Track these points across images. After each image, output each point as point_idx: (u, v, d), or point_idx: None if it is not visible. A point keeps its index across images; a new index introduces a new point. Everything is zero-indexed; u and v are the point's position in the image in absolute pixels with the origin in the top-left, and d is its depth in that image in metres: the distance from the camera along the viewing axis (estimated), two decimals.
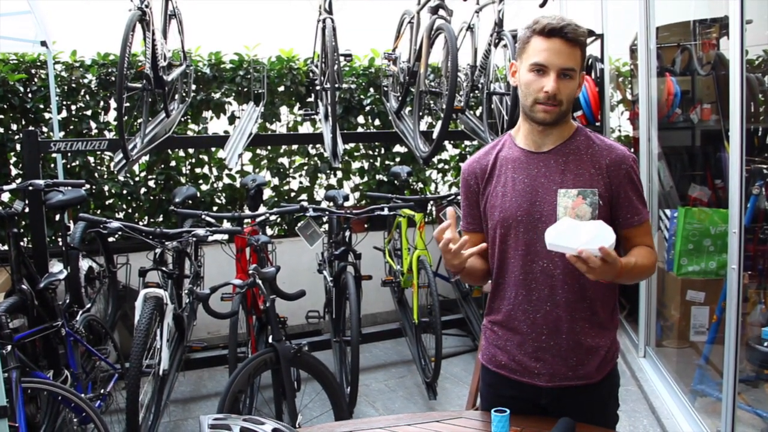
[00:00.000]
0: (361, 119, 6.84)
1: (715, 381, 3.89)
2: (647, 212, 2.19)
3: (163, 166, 6.23)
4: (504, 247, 2.20)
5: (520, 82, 2.14)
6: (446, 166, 7.24)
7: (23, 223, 5.24)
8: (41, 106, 5.78)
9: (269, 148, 6.57)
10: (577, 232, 1.95)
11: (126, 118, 4.51)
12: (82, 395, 3.47)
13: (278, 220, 6.56)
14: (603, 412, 2.26)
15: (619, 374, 2.30)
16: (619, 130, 6.46)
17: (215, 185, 6.48)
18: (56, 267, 4.13)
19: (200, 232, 3.96)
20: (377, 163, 6.98)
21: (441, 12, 4.76)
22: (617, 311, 2.27)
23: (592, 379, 2.18)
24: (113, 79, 5.85)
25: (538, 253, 2.13)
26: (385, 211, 4.94)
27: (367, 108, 6.74)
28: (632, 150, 5.45)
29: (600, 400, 2.24)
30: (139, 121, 4.84)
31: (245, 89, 6.27)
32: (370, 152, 6.97)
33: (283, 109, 6.59)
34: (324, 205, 5.84)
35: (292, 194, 6.71)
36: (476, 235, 2.34)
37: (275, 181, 6.63)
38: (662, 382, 4.48)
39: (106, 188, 6.02)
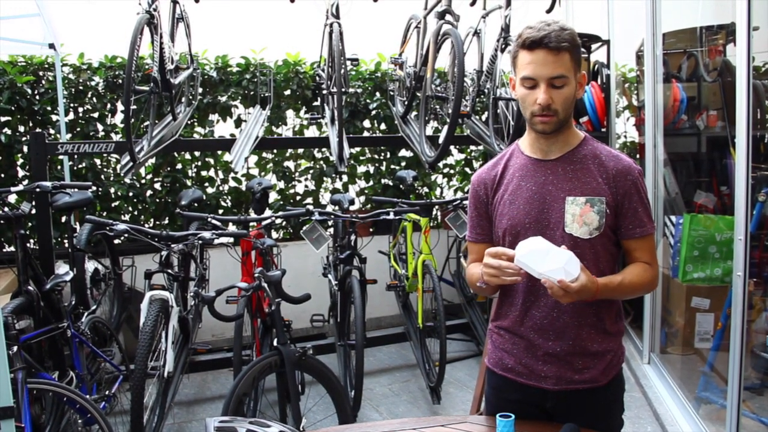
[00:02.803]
0: (367, 123, 6.86)
1: (719, 388, 3.88)
2: (652, 226, 2.18)
3: (169, 168, 6.24)
4: None
5: (518, 97, 2.16)
6: (452, 171, 7.25)
7: (30, 224, 5.25)
8: (48, 108, 5.80)
9: (275, 151, 6.58)
10: (546, 257, 1.98)
11: (133, 120, 4.52)
12: (87, 396, 3.49)
13: (284, 223, 6.57)
14: (608, 416, 2.25)
15: (624, 379, 2.31)
16: (625, 136, 6.47)
17: (221, 188, 6.50)
18: (62, 269, 4.15)
19: (206, 235, 3.97)
20: (383, 168, 6.99)
21: (448, 17, 4.77)
22: (622, 317, 2.28)
23: (597, 383, 2.18)
24: (120, 81, 5.87)
25: None
26: (391, 216, 4.93)
27: (373, 112, 6.76)
28: (638, 156, 5.51)
29: (605, 404, 2.24)
30: (145, 123, 4.85)
31: (252, 93, 6.29)
32: (376, 156, 6.98)
33: (290, 113, 6.62)
34: (329, 208, 5.84)
35: (298, 198, 6.73)
36: (482, 245, 2.35)
37: (281, 184, 6.64)
38: (666, 388, 4.47)
39: (112, 190, 6.04)
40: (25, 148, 5.74)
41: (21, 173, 5.90)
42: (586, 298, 2.02)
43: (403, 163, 6.93)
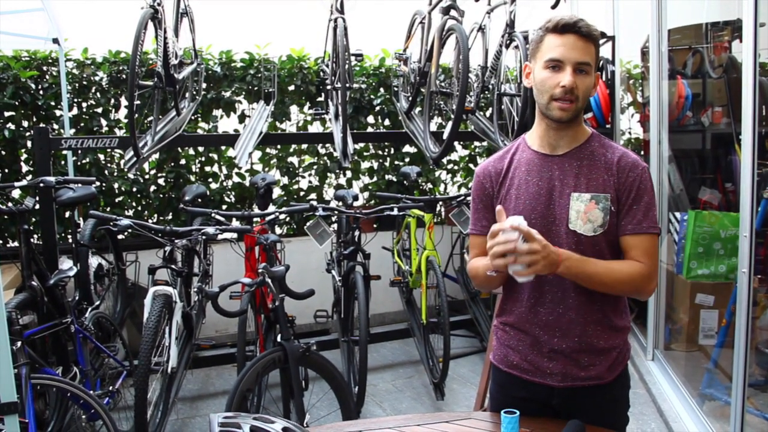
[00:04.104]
0: (371, 119, 6.85)
1: (723, 385, 3.88)
2: (652, 227, 2.12)
3: (173, 164, 6.24)
4: None
5: (535, 82, 2.13)
6: (456, 167, 7.24)
7: (34, 219, 5.26)
8: (52, 104, 5.80)
9: (279, 147, 6.58)
10: None
11: (137, 115, 4.52)
12: (91, 392, 3.49)
13: (287, 219, 6.57)
14: (613, 412, 2.25)
15: (629, 375, 2.30)
16: (630, 133, 6.45)
17: (225, 184, 6.50)
18: (66, 264, 4.16)
19: (210, 230, 3.97)
20: (387, 163, 6.98)
21: (452, 12, 4.76)
22: (628, 313, 2.27)
23: (603, 380, 2.18)
24: (124, 76, 5.88)
25: None
26: (395, 212, 4.93)
27: (378, 108, 6.74)
28: (642, 152, 5.49)
29: (611, 400, 2.23)
30: (149, 118, 4.85)
31: (256, 88, 6.28)
32: (380, 152, 6.97)
33: (294, 109, 6.61)
34: (333, 204, 5.84)
35: (302, 193, 6.72)
36: (485, 238, 2.34)
37: (285, 180, 6.64)
38: (670, 385, 4.47)
39: (115, 186, 6.04)
40: (29, 143, 5.74)
41: (25, 168, 5.91)
42: (548, 269, 1.96)
43: (407, 159, 6.93)
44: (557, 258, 1.98)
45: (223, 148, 6.39)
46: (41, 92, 5.79)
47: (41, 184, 4.00)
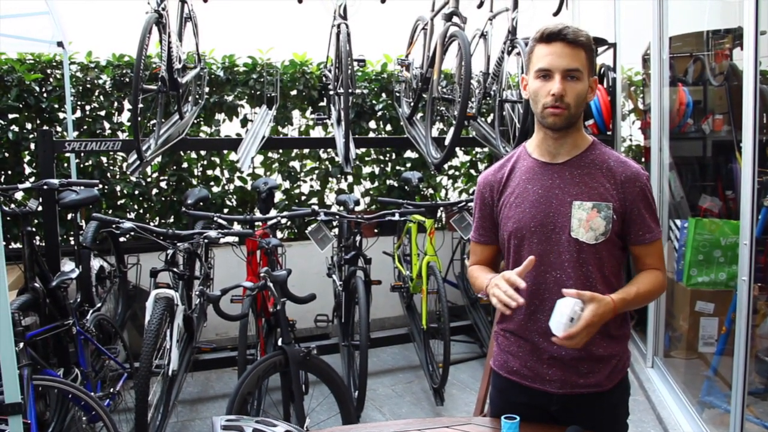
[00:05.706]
0: (372, 124, 6.87)
1: (723, 393, 3.88)
2: (659, 231, 2.19)
3: (175, 167, 6.26)
4: (518, 258, 2.21)
5: (530, 92, 2.16)
6: (457, 173, 7.25)
7: (36, 221, 5.27)
8: (56, 106, 5.82)
9: (281, 151, 6.59)
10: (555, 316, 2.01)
11: (140, 119, 4.54)
12: (92, 394, 3.50)
13: (289, 223, 6.58)
14: (613, 420, 2.26)
15: (629, 383, 2.31)
16: (631, 140, 6.46)
17: (226, 187, 6.51)
18: (68, 266, 4.16)
19: (212, 233, 3.98)
20: (388, 169, 6.99)
21: (455, 19, 4.77)
22: (628, 321, 2.28)
23: (602, 387, 2.19)
24: (128, 80, 5.89)
25: (551, 263, 2.15)
26: (396, 217, 4.94)
27: (379, 113, 6.76)
28: (643, 159, 5.50)
29: (610, 407, 2.25)
30: (152, 122, 4.86)
31: (258, 92, 6.30)
32: (382, 157, 6.98)
33: (296, 113, 6.63)
34: (335, 209, 5.84)
35: (303, 198, 6.74)
36: (485, 246, 2.37)
37: (286, 184, 6.65)
38: (670, 392, 4.47)
39: (118, 188, 6.06)
40: (33, 146, 5.76)
41: (28, 170, 5.93)
42: (608, 318, 2.04)
43: (409, 165, 6.93)
44: (612, 309, 2.04)
45: (225, 151, 6.41)
46: (45, 95, 5.81)
47: (44, 187, 4.02)
